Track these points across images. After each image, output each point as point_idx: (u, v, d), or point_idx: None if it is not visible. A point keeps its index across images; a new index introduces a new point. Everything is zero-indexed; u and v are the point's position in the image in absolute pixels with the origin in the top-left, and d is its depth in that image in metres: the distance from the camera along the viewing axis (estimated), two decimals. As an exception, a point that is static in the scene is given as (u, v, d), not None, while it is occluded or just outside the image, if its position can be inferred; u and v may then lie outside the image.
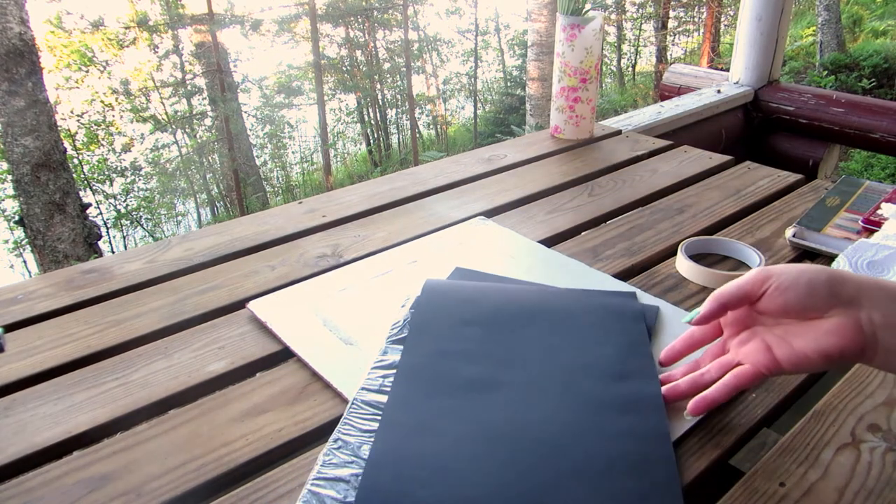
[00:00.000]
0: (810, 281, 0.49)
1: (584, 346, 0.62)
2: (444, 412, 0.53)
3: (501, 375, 0.58)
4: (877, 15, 8.29)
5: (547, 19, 4.82)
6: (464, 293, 0.69)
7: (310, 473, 0.48)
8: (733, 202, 0.98)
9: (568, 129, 1.24)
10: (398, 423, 0.52)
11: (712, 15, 9.07)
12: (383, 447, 0.50)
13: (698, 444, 0.53)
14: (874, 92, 6.18)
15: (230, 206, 10.08)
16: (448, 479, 0.47)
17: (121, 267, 0.81)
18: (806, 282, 0.49)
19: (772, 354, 0.50)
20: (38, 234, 4.00)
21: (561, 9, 1.16)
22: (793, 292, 0.49)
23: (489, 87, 12.56)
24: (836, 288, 0.48)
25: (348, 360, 0.62)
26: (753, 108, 1.80)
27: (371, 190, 1.04)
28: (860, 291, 0.47)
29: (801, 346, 0.48)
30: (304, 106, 11.13)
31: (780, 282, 0.50)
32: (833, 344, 0.47)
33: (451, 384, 0.56)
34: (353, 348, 0.63)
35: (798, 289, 0.49)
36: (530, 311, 0.66)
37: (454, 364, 0.59)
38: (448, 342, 0.61)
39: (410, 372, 0.58)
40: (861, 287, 0.48)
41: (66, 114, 8.71)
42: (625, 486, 0.47)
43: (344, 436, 0.51)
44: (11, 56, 3.65)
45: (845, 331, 0.46)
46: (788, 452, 0.51)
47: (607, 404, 0.55)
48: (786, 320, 0.51)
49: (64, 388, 0.59)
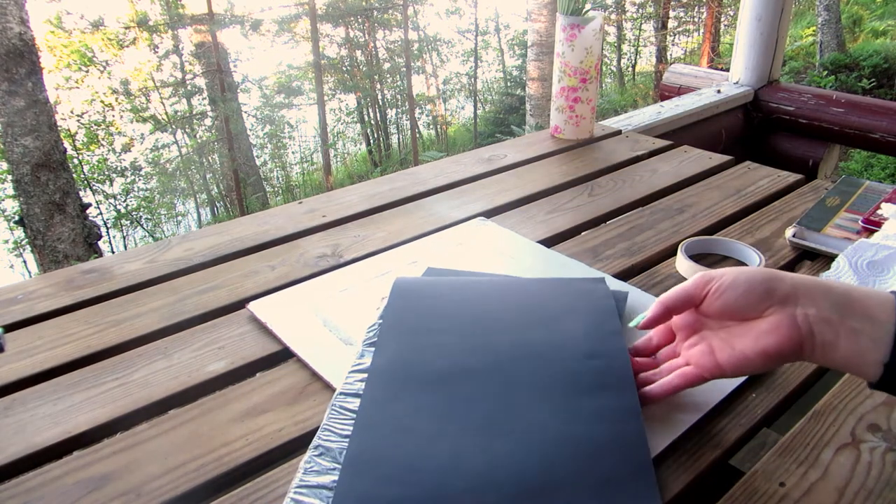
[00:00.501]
0: (747, 281, 0.49)
1: (554, 329, 0.62)
2: (419, 408, 0.53)
3: (474, 366, 0.58)
4: (877, 15, 8.29)
5: (547, 19, 4.82)
6: (434, 289, 0.69)
7: (291, 482, 0.48)
8: (733, 202, 0.98)
9: (568, 129, 1.24)
10: (373, 424, 0.52)
11: (712, 15, 9.07)
12: (358, 449, 0.49)
13: (698, 444, 0.53)
14: (874, 92, 6.18)
15: (230, 206, 10.08)
16: (427, 476, 0.47)
17: (121, 267, 0.81)
18: (743, 282, 0.49)
19: (714, 357, 0.51)
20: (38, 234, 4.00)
21: (561, 9, 1.16)
22: (731, 293, 0.50)
23: (489, 87, 12.56)
24: (772, 286, 0.48)
25: (348, 360, 0.62)
26: (753, 108, 1.80)
27: (371, 190, 1.04)
28: (795, 289, 0.48)
29: (742, 348, 0.49)
30: (304, 106, 11.13)
31: (720, 284, 0.51)
32: (771, 343, 0.47)
33: (425, 380, 0.56)
34: (353, 348, 0.63)
35: (736, 290, 0.50)
36: (500, 300, 0.67)
37: (426, 359, 0.58)
38: (419, 338, 0.61)
39: (383, 372, 0.57)
40: (796, 284, 0.48)
41: (66, 114, 8.71)
42: (602, 465, 0.48)
43: (324, 442, 0.51)
44: (11, 56, 3.65)
45: (782, 328, 0.47)
46: (788, 452, 0.51)
47: (580, 385, 0.55)
48: (729, 322, 0.51)
49: (64, 388, 0.59)
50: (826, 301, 0.47)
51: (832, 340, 0.46)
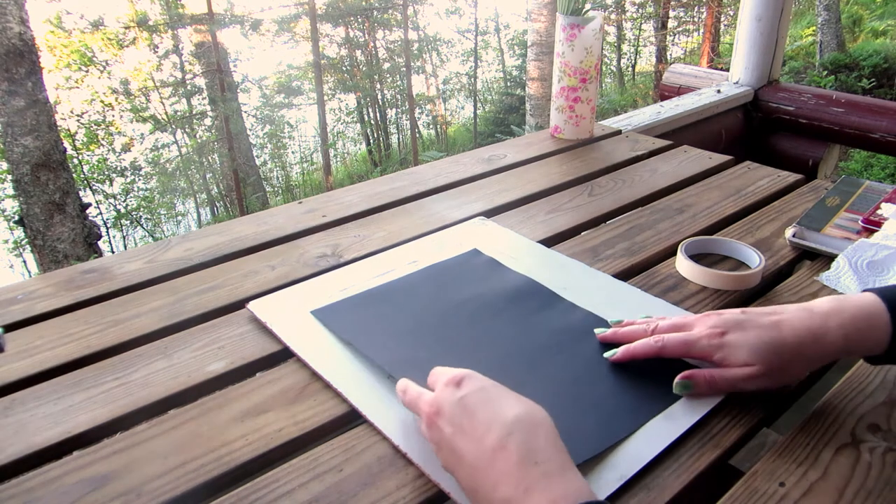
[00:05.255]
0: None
1: (495, 306, 0.70)
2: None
3: (459, 343, 0.65)
4: (877, 15, 8.29)
5: (547, 19, 4.82)
6: (353, 306, 0.71)
7: None
8: (733, 202, 0.98)
9: (568, 129, 1.24)
10: None
11: (712, 15, 9.07)
12: None
13: (698, 444, 0.53)
14: (874, 92, 6.19)
15: (230, 206, 10.08)
16: None
17: (121, 267, 0.81)
18: None
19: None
20: (38, 234, 4.00)
21: (561, 9, 1.16)
22: None
23: (489, 87, 12.56)
24: None
25: (348, 360, 0.62)
26: (753, 108, 1.79)
27: (371, 190, 1.04)
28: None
29: None
30: (304, 106, 11.13)
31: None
32: None
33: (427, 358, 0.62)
34: (353, 348, 0.63)
35: None
36: (421, 294, 0.73)
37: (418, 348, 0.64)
38: (392, 339, 0.65)
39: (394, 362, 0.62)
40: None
41: (66, 114, 8.71)
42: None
43: None
44: (11, 56, 3.65)
45: None
46: (788, 452, 0.51)
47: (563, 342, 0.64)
48: None
49: (64, 388, 0.59)
50: None
51: None
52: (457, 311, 0.69)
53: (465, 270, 0.78)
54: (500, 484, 0.42)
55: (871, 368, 0.60)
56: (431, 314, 0.69)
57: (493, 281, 0.75)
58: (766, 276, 0.78)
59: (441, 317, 0.68)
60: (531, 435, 0.43)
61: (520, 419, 0.44)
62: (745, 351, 0.53)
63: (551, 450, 0.43)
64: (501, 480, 0.42)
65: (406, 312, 0.69)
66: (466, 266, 0.79)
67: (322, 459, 0.51)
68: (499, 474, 0.42)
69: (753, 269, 0.76)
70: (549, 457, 0.42)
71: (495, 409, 0.45)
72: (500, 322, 0.68)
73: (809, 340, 0.53)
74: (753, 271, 0.75)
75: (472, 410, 0.46)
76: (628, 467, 0.50)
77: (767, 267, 0.79)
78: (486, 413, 0.45)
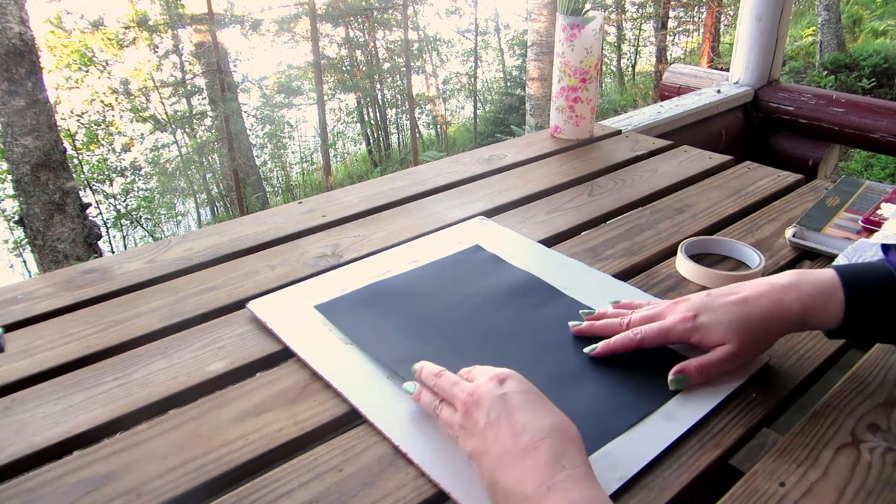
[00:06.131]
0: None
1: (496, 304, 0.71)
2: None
3: (463, 340, 0.65)
4: (877, 15, 8.29)
5: (547, 19, 4.82)
6: (357, 300, 0.71)
7: None
8: (733, 202, 0.98)
9: (568, 129, 1.24)
10: None
11: (712, 15, 9.07)
12: None
13: (698, 444, 0.53)
14: (874, 92, 6.19)
15: (230, 206, 10.07)
16: None
17: (121, 267, 0.81)
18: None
19: None
20: (38, 234, 4.00)
21: (561, 9, 1.16)
22: None
23: (489, 87, 12.56)
24: None
25: (348, 360, 0.62)
26: (753, 108, 1.79)
27: (371, 190, 1.04)
28: None
29: None
30: (304, 106, 11.12)
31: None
32: None
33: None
34: (353, 348, 0.63)
35: None
36: (424, 290, 0.74)
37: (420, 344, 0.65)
38: (395, 334, 0.66)
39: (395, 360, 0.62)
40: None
41: (66, 114, 8.71)
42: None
43: None
44: (11, 56, 3.65)
45: None
46: (788, 452, 0.51)
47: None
48: None
49: (64, 388, 0.59)
50: None
51: None
52: (458, 307, 0.70)
53: (467, 266, 0.78)
54: (523, 480, 0.43)
55: (871, 368, 0.60)
56: (434, 309, 0.69)
57: (494, 277, 0.76)
58: (767, 276, 0.78)
59: (443, 312, 0.69)
60: (563, 443, 0.45)
61: (556, 428, 0.46)
62: (721, 329, 0.57)
63: (579, 459, 0.44)
64: (526, 477, 0.43)
65: (408, 307, 0.70)
66: (468, 262, 0.80)
67: (322, 459, 0.51)
68: (525, 470, 0.43)
69: (753, 269, 0.76)
70: (577, 465, 0.44)
71: (533, 414, 0.47)
72: (502, 317, 0.68)
73: (772, 312, 0.56)
74: (753, 271, 0.75)
75: (511, 409, 0.47)
76: (628, 467, 0.50)
77: (767, 267, 0.79)
78: (525, 415, 0.46)
